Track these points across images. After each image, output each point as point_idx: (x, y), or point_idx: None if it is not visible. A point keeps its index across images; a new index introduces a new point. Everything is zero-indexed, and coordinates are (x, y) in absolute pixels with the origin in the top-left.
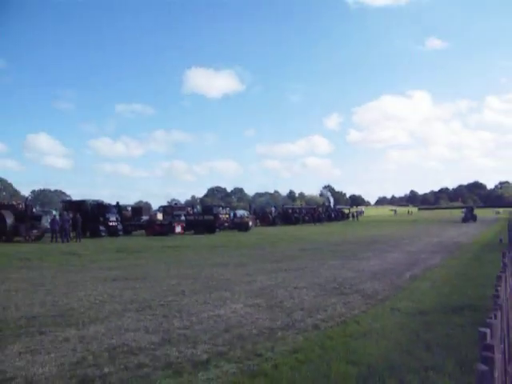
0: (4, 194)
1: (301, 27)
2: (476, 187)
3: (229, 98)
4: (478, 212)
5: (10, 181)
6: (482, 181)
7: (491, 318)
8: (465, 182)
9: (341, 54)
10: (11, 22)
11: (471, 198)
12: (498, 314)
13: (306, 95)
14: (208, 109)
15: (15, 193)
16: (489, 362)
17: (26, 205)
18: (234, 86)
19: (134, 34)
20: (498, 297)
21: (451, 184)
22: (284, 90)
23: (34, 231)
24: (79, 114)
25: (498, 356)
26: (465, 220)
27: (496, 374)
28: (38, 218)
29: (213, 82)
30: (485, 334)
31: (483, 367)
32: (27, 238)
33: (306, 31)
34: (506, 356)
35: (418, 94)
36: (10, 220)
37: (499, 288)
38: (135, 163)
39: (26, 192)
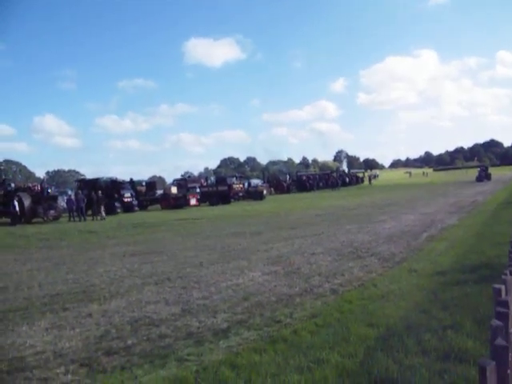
0: (20, 176)
1: None
2: (492, 145)
3: (231, 67)
4: (494, 171)
5: (23, 163)
6: (498, 139)
7: (506, 274)
8: (480, 141)
9: (342, 17)
10: (9, 4)
11: (487, 156)
12: None
13: (308, 61)
14: (211, 79)
15: (30, 175)
16: (503, 317)
17: (41, 186)
18: (236, 55)
19: (130, 8)
20: None
21: (466, 143)
22: (286, 57)
23: (52, 212)
24: (82, 93)
25: None
26: (479, 179)
27: (511, 330)
28: (55, 199)
29: (213, 52)
30: (499, 290)
31: (498, 322)
32: (45, 218)
33: None
34: None
35: (424, 53)
36: (27, 202)
37: None
38: (144, 138)
39: (40, 174)
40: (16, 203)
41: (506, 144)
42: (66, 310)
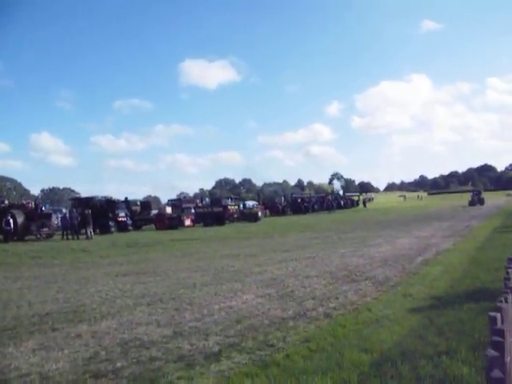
0: (14, 193)
1: (294, 15)
2: (486, 170)
3: (226, 89)
4: (488, 195)
5: (19, 180)
6: (491, 163)
7: (501, 301)
8: (474, 165)
9: (336, 41)
10: (7, 24)
11: (481, 181)
12: (509, 296)
13: (303, 84)
14: (206, 101)
15: (25, 192)
16: (499, 347)
17: (35, 204)
18: (231, 77)
19: (125, 29)
20: (508, 279)
21: (461, 167)
22: (281, 79)
23: (45, 229)
24: (78, 113)
25: (509, 340)
26: (472, 204)
27: (508, 359)
28: (48, 217)
29: (208, 74)
30: (495, 318)
31: (493, 353)
32: (38, 236)
33: (300, 19)
34: None
35: (417, 78)
36: (20, 219)
37: (510, 270)
38: (139, 158)
39: (35, 191)
40: (10, 220)
41: (500, 168)
42: (55, 330)
